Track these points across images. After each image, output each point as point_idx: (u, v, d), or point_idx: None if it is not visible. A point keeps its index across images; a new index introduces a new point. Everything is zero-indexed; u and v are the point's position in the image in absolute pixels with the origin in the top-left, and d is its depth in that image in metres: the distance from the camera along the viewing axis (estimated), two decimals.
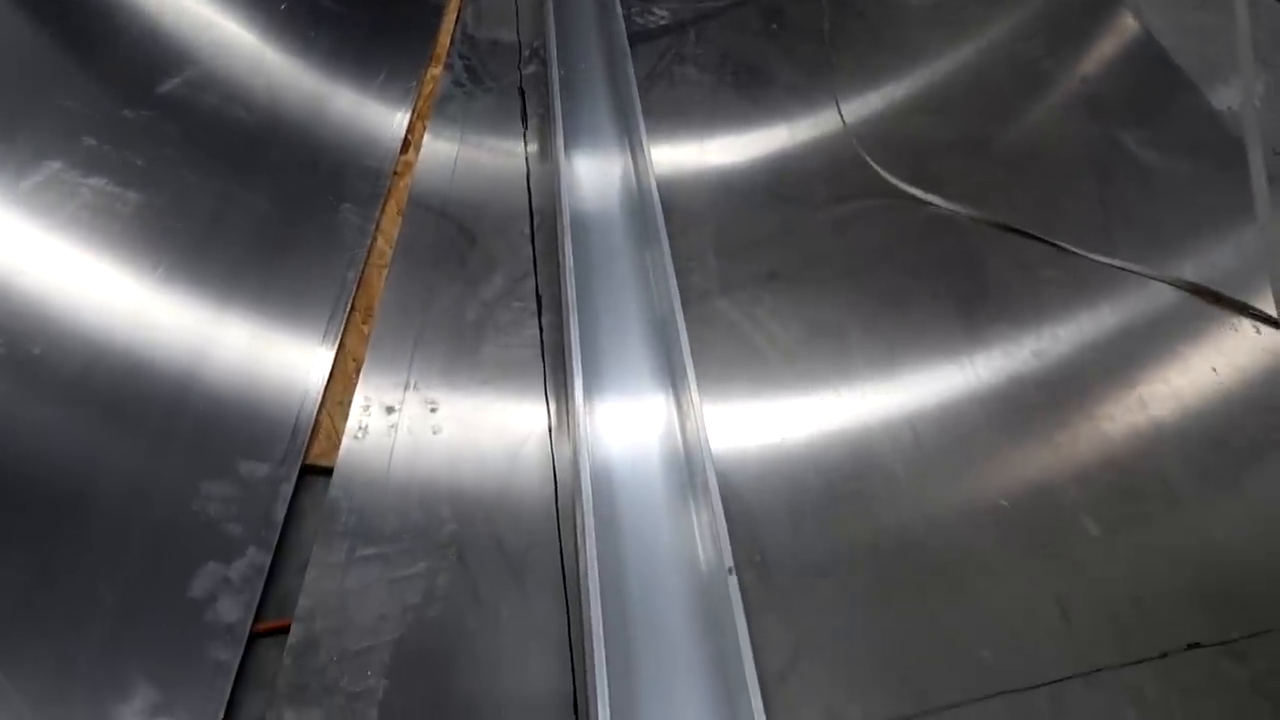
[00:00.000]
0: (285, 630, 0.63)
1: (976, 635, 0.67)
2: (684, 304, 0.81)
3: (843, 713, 0.62)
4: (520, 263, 0.90)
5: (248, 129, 0.97)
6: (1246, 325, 0.91)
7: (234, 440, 0.73)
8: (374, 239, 0.92)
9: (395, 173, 0.99)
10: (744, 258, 0.92)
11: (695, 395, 0.72)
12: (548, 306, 0.85)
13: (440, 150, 1.00)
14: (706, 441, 0.70)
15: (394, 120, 1.03)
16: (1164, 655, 0.67)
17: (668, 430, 0.75)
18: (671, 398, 0.78)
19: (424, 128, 1.03)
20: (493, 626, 0.64)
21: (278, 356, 0.80)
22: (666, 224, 0.89)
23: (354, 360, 0.82)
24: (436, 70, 1.10)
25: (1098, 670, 0.66)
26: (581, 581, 0.62)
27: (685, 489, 0.70)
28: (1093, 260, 0.98)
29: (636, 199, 0.94)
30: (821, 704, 0.62)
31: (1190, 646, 0.68)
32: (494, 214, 0.94)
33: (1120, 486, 0.77)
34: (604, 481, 0.70)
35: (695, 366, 0.76)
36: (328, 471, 0.73)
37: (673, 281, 0.82)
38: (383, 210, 0.95)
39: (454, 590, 0.66)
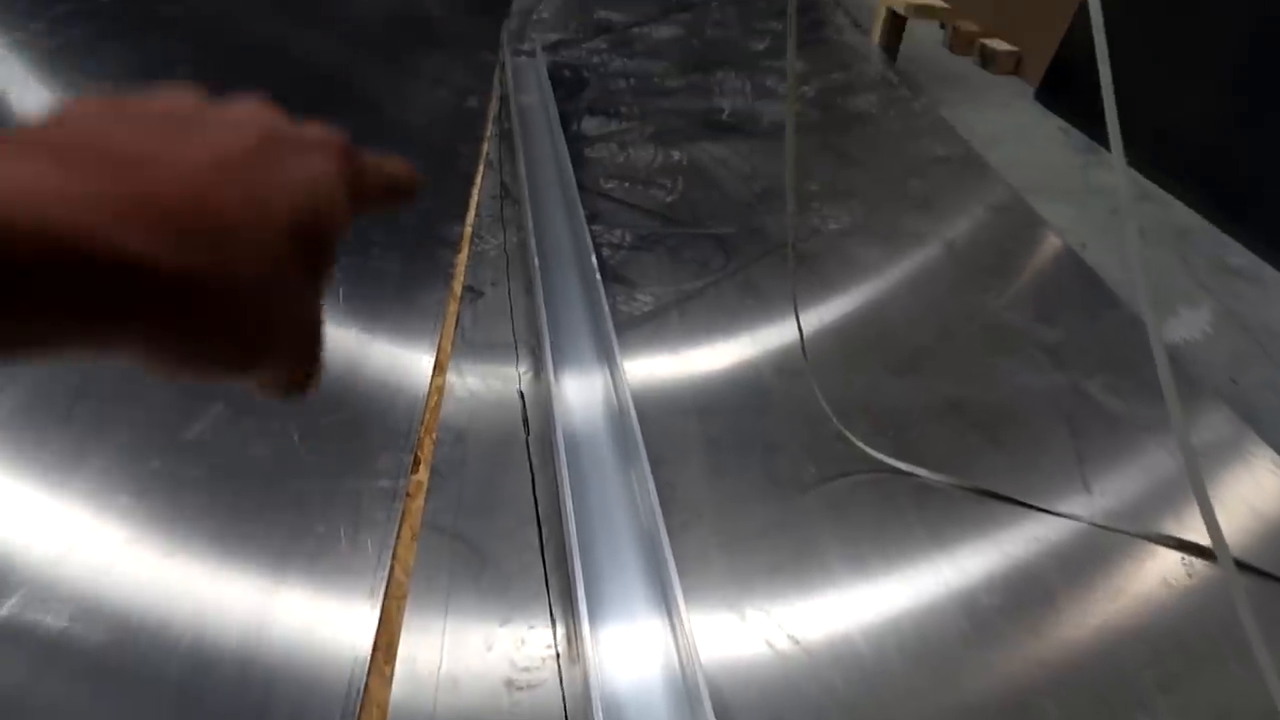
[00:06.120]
0: None
1: None
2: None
3: None
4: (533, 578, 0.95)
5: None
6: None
7: None
8: (392, 569, 0.97)
9: (408, 494, 1.05)
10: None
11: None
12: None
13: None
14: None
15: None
16: None
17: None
18: None
19: (433, 440, 1.10)
20: None
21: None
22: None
23: (378, 707, 0.86)
24: (440, 380, 1.17)
25: None
26: None
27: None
28: (1074, 520, 1.03)
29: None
30: None
31: None
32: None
33: None
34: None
35: None
36: None
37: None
38: (398, 537, 1.00)
39: None
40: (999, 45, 3.34)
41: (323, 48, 2.10)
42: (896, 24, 2.70)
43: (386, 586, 0.95)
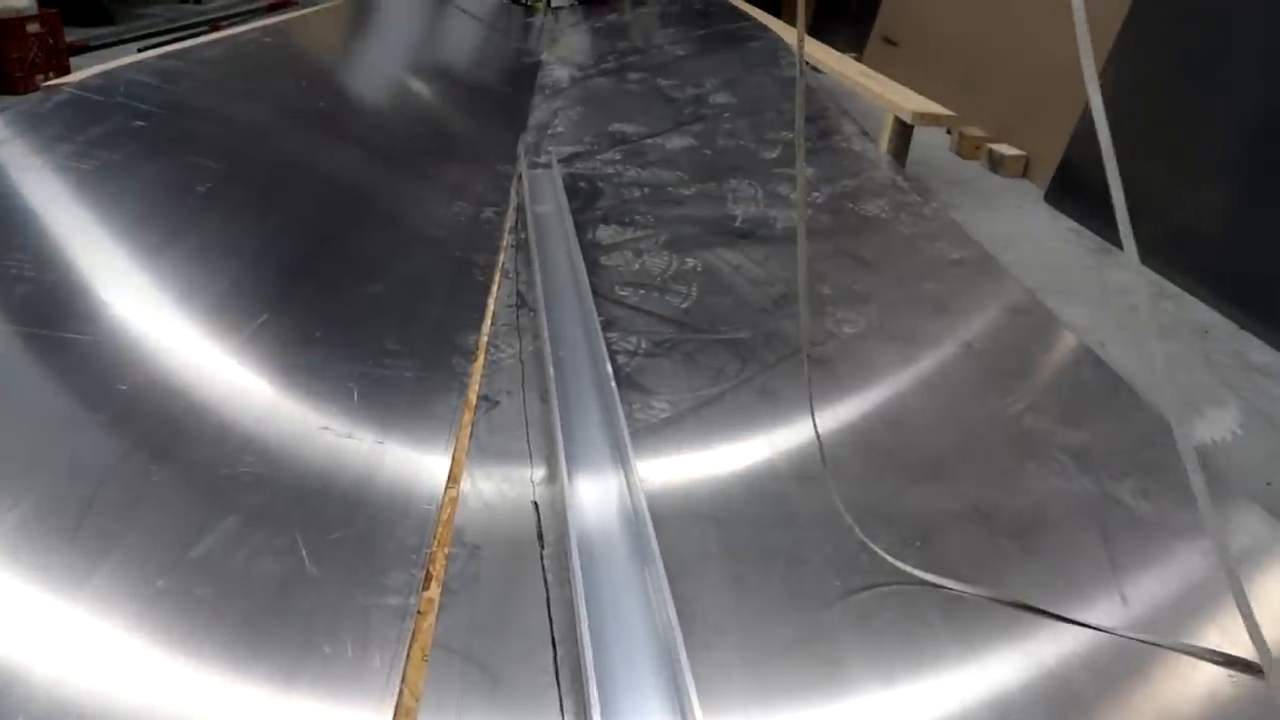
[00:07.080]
0: None
1: None
2: None
3: None
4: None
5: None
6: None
7: None
8: (401, 691, 0.94)
9: (419, 612, 1.01)
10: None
11: None
12: None
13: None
14: None
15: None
16: None
17: None
18: None
19: (445, 555, 1.07)
20: None
21: None
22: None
23: None
24: (454, 491, 1.15)
25: None
26: None
27: None
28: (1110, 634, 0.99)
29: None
30: None
31: None
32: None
33: None
34: None
35: None
36: None
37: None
38: (408, 658, 0.97)
39: None
40: (1006, 150, 3.41)
41: (347, 163, 2.16)
42: (904, 131, 2.76)
43: (395, 710, 0.91)
